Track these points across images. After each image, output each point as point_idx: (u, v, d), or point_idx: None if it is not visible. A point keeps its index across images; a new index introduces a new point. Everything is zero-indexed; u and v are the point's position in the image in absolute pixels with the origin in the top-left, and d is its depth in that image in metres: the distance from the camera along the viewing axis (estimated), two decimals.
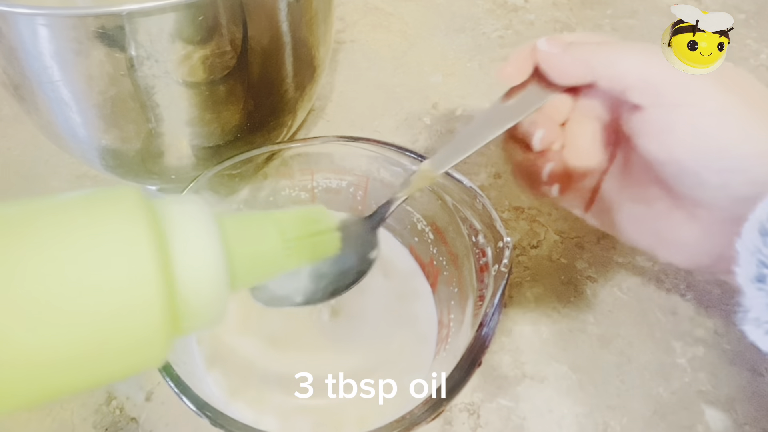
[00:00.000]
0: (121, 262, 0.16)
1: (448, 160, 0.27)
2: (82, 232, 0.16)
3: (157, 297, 0.16)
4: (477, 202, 0.28)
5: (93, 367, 0.16)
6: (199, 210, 0.19)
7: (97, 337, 0.16)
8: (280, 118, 0.38)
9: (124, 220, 0.17)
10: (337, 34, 0.52)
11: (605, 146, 0.29)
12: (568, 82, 0.27)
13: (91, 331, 0.16)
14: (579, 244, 0.38)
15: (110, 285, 0.16)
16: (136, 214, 0.17)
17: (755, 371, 0.33)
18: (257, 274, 0.21)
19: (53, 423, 0.31)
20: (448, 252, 0.30)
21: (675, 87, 0.24)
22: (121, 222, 0.17)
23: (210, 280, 0.18)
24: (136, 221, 0.17)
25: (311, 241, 0.22)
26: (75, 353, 0.16)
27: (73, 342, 0.16)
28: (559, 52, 0.27)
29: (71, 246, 0.16)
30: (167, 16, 0.27)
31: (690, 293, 0.36)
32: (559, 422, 0.31)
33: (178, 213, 0.18)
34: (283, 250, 0.21)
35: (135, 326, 0.16)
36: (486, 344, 0.24)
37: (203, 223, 0.18)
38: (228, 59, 0.31)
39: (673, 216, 0.27)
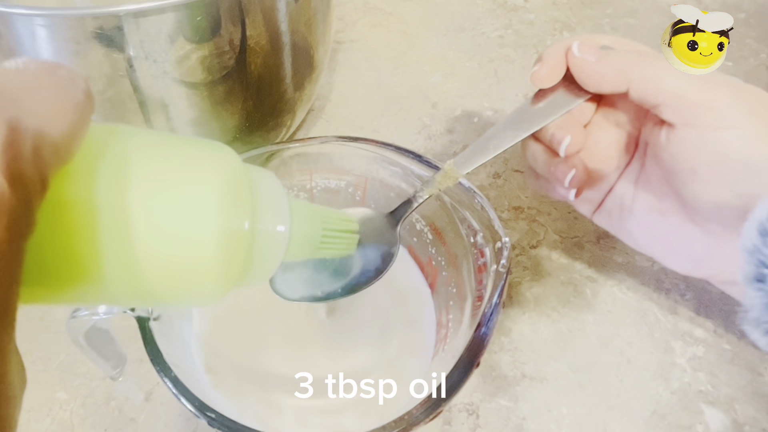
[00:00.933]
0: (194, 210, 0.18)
1: (473, 160, 0.27)
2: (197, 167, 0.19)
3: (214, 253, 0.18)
4: (476, 202, 0.27)
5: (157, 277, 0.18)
6: (278, 185, 0.22)
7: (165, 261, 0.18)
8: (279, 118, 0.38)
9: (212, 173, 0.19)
10: (337, 33, 0.52)
11: (623, 152, 0.29)
12: (602, 90, 0.27)
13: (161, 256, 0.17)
14: (578, 244, 0.38)
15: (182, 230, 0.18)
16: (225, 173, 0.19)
17: (755, 371, 0.33)
18: (297, 252, 0.23)
19: (53, 423, 0.31)
20: (447, 252, 0.30)
21: (710, 110, 0.24)
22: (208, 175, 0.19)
23: (278, 242, 0.21)
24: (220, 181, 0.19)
25: (340, 238, 0.25)
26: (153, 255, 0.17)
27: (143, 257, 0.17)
28: (595, 60, 0.26)
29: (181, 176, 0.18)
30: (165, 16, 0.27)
31: (690, 293, 0.36)
32: (559, 422, 0.31)
33: (262, 181, 0.21)
34: (320, 238, 0.24)
35: (193, 269, 0.18)
36: (485, 344, 0.24)
37: (281, 197, 0.21)
38: (226, 59, 0.31)
39: (686, 228, 0.27)
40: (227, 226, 0.19)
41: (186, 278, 0.18)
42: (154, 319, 0.25)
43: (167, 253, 0.18)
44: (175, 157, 0.19)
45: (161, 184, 0.18)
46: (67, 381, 0.32)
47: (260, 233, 0.20)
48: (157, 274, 0.18)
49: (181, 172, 0.19)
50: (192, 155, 0.19)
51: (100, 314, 0.24)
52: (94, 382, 0.32)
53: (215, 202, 0.18)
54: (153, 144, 0.19)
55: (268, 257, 0.21)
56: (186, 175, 0.19)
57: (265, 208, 0.21)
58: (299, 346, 0.30)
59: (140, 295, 0.19)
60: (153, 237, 0.17)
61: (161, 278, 0.18)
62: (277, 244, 0.21)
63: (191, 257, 0.18)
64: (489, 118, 0.46)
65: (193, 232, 0.18)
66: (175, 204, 0.18)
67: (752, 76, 0.49)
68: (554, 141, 0.28)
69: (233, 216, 0.19)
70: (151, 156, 0.18)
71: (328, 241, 0.24)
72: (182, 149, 0.20)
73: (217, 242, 0.18)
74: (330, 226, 0.24)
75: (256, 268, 0.21)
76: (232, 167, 0.20)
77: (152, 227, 0.17)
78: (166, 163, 0.18)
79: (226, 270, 0.19)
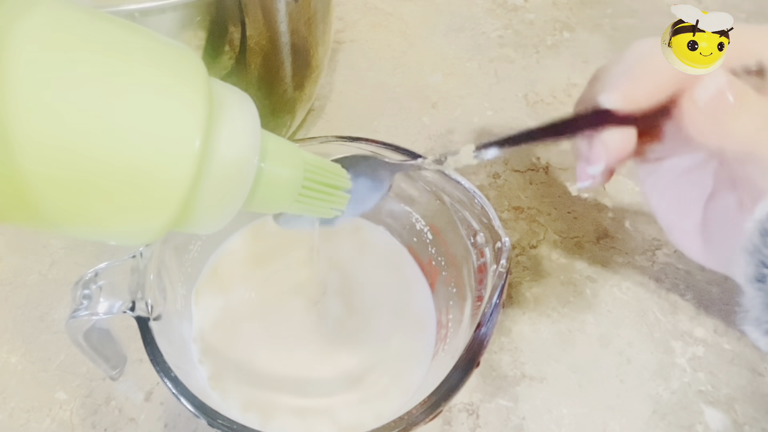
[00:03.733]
0: (173, 112, 0.16)
1: (491, 150, 0.25)
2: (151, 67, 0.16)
3: (191, 158, 0.16)
4: (475, 202, 0.27)
5: (104, 201, 0.16)
6: (249, 105, 0.19)
7: (125, 166, 0.15)
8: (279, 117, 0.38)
9: (188, 74, 0.17)
10: (337, 33, 0.52)
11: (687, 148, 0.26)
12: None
13: (123, 159, 0.15)
14: (578, 243, 0.38)
15: (154, 127, 0.16)
16: (200, 77, 0.17)
17: (755, 371, 0.33)
18: (269, 200, 0.20)
19: (53, 423, 0.31)
20: (447, 252, 0.30)
21: None
22: (184, 75, 0.17)
23: (238, 171, 0.18)
24: (198, 82, 0.17)
25: (323, 192, 0.22)
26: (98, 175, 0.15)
27: (101, 161, 0.15)
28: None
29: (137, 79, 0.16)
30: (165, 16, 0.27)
31: (689, 293, 0.36)
32: (559, 422, 0.31)
33: (230, 97, 0.18)
34: (300, 188, 0.21)
35: (160, 177, 0.16)
36: (484, 344, 0.24)
37: (250, 116, 0.19)
38: (226, 59, 0.31)
39: (695, 234, 0.27)
40: (207, 142, 0.16)
41: (142, 195, 0.16)
42: (154, 319, 0.25)
43: (128, 159, 0.15)
44: (143, 48, 0.16)
45: (132, 77, 0.15)
46: (67, 381, 0.32)
47: (224, 161, 0.17)
48: (108, 183, 0.15)
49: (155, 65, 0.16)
50: (164, 52, 0.17)
51: (100, 314, 0.24)
52: (94, 382, 0.32)
53: (203, 110, 0.16)
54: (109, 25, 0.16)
55: (225, 192, 0.18)
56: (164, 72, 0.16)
57: (232, 131, 0.18)
58: (299, 347, 0.30)
59: (77, 211, 0.16)
60: (116, 137, 0.15)
61: (111, 191, 0.16)
62: (239, 177, 0.18)
63: (160, 169, 0.16)
64: (489, 118, 0.46)
65: (172, 141, 0.16)
66: (153, 106, 0.16)
67: None
68: (593, 149, 0.24)
69: (210, 134, 0.17)
70: (113, 39, 0.16)
71: (311, 194, 0.21)
72: (143, 39, 0.17)
73: (195, 159, 0.16)
74: (315, 177, 0.21)
75: (215, 202, 0.18)
76: (207, 76, 0.17)
77: (118, 126, 0.15)
78: (136, 53, 0.16)
79: (189, 196, 0.17)
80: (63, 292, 0.35)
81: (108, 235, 0.18)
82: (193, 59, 0.17)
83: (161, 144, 0.16)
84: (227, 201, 0.18)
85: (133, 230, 0.17)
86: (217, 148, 0.17)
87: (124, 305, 0.24)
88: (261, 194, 0.20)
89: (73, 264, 0.36)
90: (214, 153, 0.17)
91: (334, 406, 0.28)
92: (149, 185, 0.16)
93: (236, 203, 0.19)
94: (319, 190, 0.22)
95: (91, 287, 0.24)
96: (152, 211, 0.17)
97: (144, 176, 0.16)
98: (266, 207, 0.21)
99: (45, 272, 0.36)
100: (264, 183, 0.20)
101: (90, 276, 0.24)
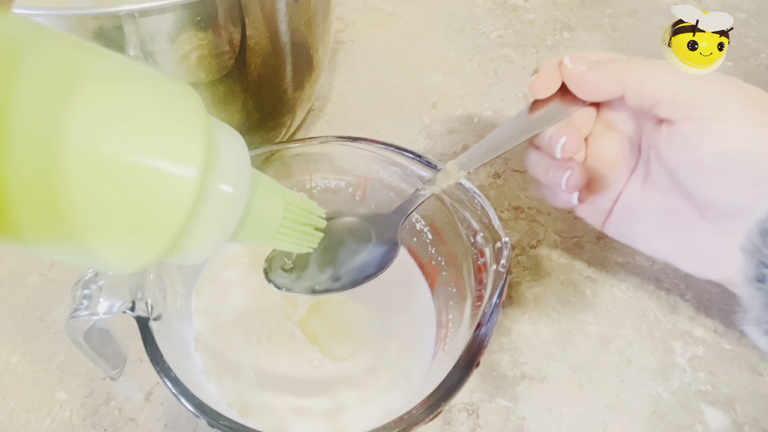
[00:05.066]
0: (174, 149, 0.16)
1: (473, 161, 0.28)
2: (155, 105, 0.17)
3: (189, 195, 0.17)
4: (476, 202, 0.28)
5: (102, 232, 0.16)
6: (241, 143, 0.20)
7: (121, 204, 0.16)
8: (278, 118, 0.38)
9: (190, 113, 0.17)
10: (337, 33, 0.52)
11: (627, 157, 0.30)
12: (596, 98, 0.28)
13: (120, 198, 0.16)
14: (578, 243, 0.38)
15: (155, 163, 0.16)
16: (200, 116, 0.17)
17: (755, 371, 0.33)
18: (252, 233, 0.21)
19: (53, 423, 0.31)
20: (447, 252, 0.30)
21: (706, 102, 0.25)
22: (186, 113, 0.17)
23: (229, 208, 0.19)
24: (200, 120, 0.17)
25: (300, 230, 0.23)
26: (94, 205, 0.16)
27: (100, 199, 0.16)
28: (587, 69, 0.27)
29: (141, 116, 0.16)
30: (166, 16, 0.27)
31: (689, 293, 0.36)
32: (558, 422, 0.31)
33: (224, 135, 0.19)
34: (280, 224, 0.22)
35: (157, 212, 0.16)
36: (484, 344, 0.24)
37: (242, 155, 0.19)
38: (226, 59, 0.31)
39: (699, 226, 0.27)
40: (204, 177, 0.17)
41: (140, 227, 0.16)
42: (154, 319, 0.25)
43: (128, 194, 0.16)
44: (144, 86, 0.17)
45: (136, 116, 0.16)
46: (67, 381, 0.32)
47: (217, 194, 0.18)
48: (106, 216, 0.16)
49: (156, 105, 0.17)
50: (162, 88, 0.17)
51: (100, 314, 0.24)
52: (94, 382, 0.32)
53: (203, 148, 0.17)
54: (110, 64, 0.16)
55: (216, 225, 0.18)
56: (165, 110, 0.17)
57: (227, 168, 0.18)
58: (299, 347, 0.30)
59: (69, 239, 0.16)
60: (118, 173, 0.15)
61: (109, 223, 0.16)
62: (230, 212, 0.19)
63: (159, 203, 0.16)
64: (489, 118, 0.46)
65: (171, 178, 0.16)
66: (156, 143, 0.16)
67: (752, 76, 0.49)
68: (551, 144, 0.28)
69: (208, 171, 0.17)
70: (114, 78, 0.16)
71: (287, 232, 0.22)
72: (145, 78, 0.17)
73: (194, 195, 0.16)
74: (293, 215, 0.22)
75: (205, 236, 0.18)
76: (206, 113, 0.18)
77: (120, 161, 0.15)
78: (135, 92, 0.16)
79: (184, 229, 0.17)
80: (63, 292, 0.35)
81: (98, 263, 0.18)
82: (193, 96, 0.18)
83: (160, 180, 0.16)
84: (217, 234, 0.19)
85: (125, 260, 0.18)
86: (213, 185, 0.18)
87: (124, 305, 0.24)
88: (245, 228, 0.20)
89: None
90: (210, 189, 0.18)
91: (334, 407, 0.28)
92: (147, 218, 0.16)
93: (224, 236, 0.19)
94: (296, 228, 0.23)
95: (91, 287, 0.24)
96: (147, 243, 0.17)
97: (143, 210, 0.16)
98: (247, 239, 0.21)
99: (45, 272, 0.36)
100: (250, 218, 0.20)
101: (90, 276, 0.25)
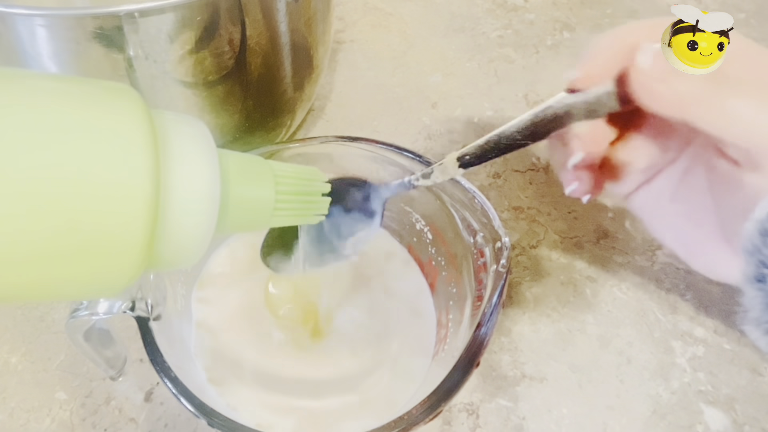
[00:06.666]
0: (114, 159, 0.15)
1: (475, 157, 0.25)
2: (81, 116, 0.15)
3: (143, 206, 0.15)
4: (476, 202, 0.28)
5: (58, 267, 0.14)
6: (201, 133, 0.18)
7: (71, 231, 0.14)
8: (278, 118, 0.38)
9: (125, 115, 0.15)
10: (337, 34, 0.52)
11: (663, 151, 0.26)
12: (659, 114, 0.23)
13: (67, 223, 0.14)
14: (578, 243, 0.38)
15: (96, 180, 0.14)
16: (140, 115, 0.15)
17: (755, 371, 0.33)
18: (244, 221, 0.19)
19: (53, 423, 0.31)
20: (447, 252, 0.30)
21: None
22: (122, 116, 0.15)
23: (199, 208, 0.17)
24: (138, 121, 0.15)
25: (301, 201, 0.21)
26: (45, 244, 0.14)
27: (45, 229, 0.14)
28: (662, 81, 0.22)
29: (67, 127, 0.14)
30: (165, 16, 0.27)
31: (689, 293, 0.36)
32: (558, 422, 0.31)
33: (178, 129, 0.17)
34: (275, 203, 0.20)
35: (112, 233, 0.15)
36: (484, 344, 0.24)
37: (203, 146, 0.17)
38: (226, 59, 0.31)
39: (717, 244, 0.26)
40: (156, 182, 0.15)
41: (99, 254, 0.15)
42: (154, 319, 0.25)
43: (75, 219, 0.14)
44: (79, 101, 0.15)
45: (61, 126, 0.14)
46: (67, 381, 0.32)
47: (172, 193, 0.16)
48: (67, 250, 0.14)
49: (91, 117, 0.15)
50: (96, 96, 0.15)
51: (100, 314, 0.24)
52: (94, 382, 0.32)
53: (148, 151, 0.15)
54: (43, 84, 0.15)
55: (195, 224, 0.17)
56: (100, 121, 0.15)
57: (185, 162, 0.16)
58: (299, 347, 0.30)
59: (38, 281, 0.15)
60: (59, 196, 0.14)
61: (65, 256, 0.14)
62: (201, 207, 0.17)
63: (113, 223, 0.14)
64: (489, 118, 0.46)
65: (119, 190, 0.14)
66: (95, 158, 0.14)
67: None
68: (569, 148, 0.26)
69: (161, 175, 0.15)
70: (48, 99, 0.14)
71: (286, 207, 0.20)
72: (80, 90, 0.15)
73: (149, 206, 0.15)
74: (290, 188, 0.20)
75: (182, 240, 0.17)
76: (146, 112, 0.16)
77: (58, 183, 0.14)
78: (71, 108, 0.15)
79: (150, 243, 0.15)
80: None
81: (74, 295, 0.17)
82: (129, 94, 0.16)
83: (108, 195, 0.14)
84: (194, 237, 0.17)
85: (99, 287, 0.16)
86: (173, 189, 0.16)
87: (124, 305, 0.24)
88: (232, 218, 0.19)
89: None
90: (170, 194, 0.16)
91: (334, 407, 0.28)
92: (107, 240, 0.15)
93: (205, 237, 0.18)
94: (295, 201, 0.21)
95: None
96: (116, 266, 0.15)
97: (98, 234, 0.15)
98: (242, 228, 0.20)
99: None
100: (233, 207, 0.18)
101: None
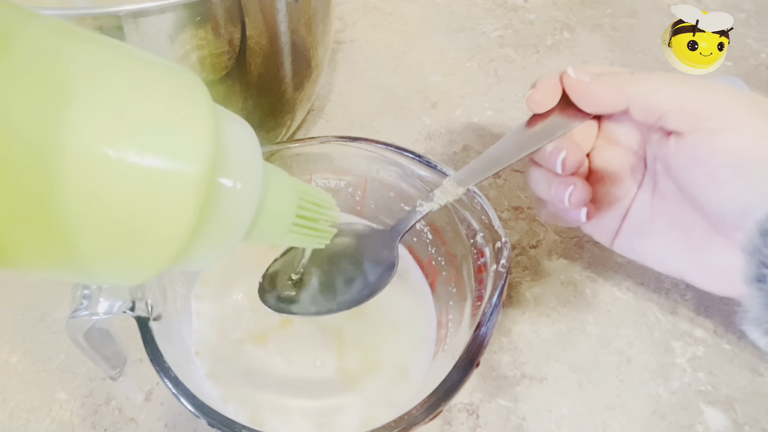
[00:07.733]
0: (178, 149, 0.15)
1: (471, 178, 0.27)
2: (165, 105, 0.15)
3: (195, 197, 0.15)
4: (476, 202, 0.28)
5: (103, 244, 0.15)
6: (252, 136, 0.18)
7: (125, 200, 0.15)
8: (278, 118, 0.38)
9: (195, 107, 0.16)
10: (337, 34, 0.52)
11: (633, 172, 0.29)
12: (600, 110, 0.27)
13: (123, 193, 0.14)
14: (578, 243, 0.38)
15: (159, 159, 0.15)
16: (206, 110, 0.16)
17: (755, 371, 0.33)
18: (263, 233, 0.20)
19: (53, 423, 0.31)
20: (447, 252, 0.30)
21: (714, 113, 0.24)
22: (192, 109, 0.16)
23: (240, 211, 0.17)
24: (205, 115, 0.16)
25: (314, 224, 0.22)
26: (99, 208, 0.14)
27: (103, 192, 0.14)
28: (590, 80, 0.26)
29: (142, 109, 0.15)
30: (165, 16, 0.27)
31: (690, 293, 0.36)
32: (558, 422, 0.31)
33: (232, 133, 0.17)
34: (292, 220, 0.21)
35: (161, 218, 0.15)
36: (484, 344, 0.24)
37: (253, 151, 0.18)
38: (226, 59, 0.31)
39: (713, 241, 0.27)
40: (212, 174, 0.15)
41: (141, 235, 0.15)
42: (154, 319, 0.25)
43: (127, 199, 0.14)
44: (139, 76, 0.15)
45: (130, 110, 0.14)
46: (67, 381, 0.32)
47: (227, 193, 0.16)
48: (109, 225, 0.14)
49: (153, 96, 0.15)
50: (161, 76, 0.16)
51: (100, 314, 0.24)
52: (94, 382, 0.32)
53: (208, 140, 0.15)
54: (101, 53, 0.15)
55: (227, 227, 0.17)
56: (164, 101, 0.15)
57: (236, 162, 0.17)
58: (299, 347, 0.30)
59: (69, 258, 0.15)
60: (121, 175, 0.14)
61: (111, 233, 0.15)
62: (242, 211, 0.17)
63: (160, 207, 0.15)
64: (489, 118, 0.46)
65: (175, 176, 0.15)
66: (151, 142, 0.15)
67: (752, 76, 0.49)
68: (551, 159, 0.27)
69: (214, 165, 0.16)
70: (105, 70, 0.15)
71: (299, 228, 0.21)
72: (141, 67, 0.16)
73: (200, 192, 0.15)
74: (306, 211, 0.21)
75: (209, 242, 0.17)
76: (211, 101, 0.16)
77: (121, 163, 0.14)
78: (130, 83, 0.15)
79: (193, 233, 0.16)
80: (63, 292, 0.35)
81: (100, 279, 0.17)
82: (197, 84, 0.17)
83: (162, 180, 0.15)
84: (228, 236, 0.18)
85: (128, 273, 0.17)
86: (222, 182, 0.16)
87: (124, 305, 0.24)
88: (259, 228, 0.19)
89: None
90: (219, 187, 0.16)
91: (334, 406, 0.28)
92: (150, 225, 0.15)
93: (237, 238, 0.18)
94: (309, 223, 0.22)
95: (91, 287, 0.24)
96: (151, 253, 0.16)
97: (145, 217, 0.15)
98: (259, 239, 0.20)
99: None
100: (263, 215, 0.19)
101: None
